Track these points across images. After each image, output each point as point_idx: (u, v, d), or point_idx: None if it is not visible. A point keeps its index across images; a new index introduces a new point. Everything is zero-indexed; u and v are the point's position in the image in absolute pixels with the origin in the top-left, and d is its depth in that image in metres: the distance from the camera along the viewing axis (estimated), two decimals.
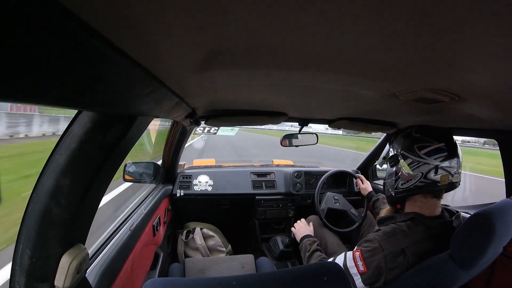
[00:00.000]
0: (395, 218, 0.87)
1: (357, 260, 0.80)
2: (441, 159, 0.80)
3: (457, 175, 0.82)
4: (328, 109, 1.12)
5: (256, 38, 0.35)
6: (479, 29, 0.29)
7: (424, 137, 0.84)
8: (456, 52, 0.37)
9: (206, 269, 1.43)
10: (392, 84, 0.59)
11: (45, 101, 0.28)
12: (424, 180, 0.82)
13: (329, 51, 0.40)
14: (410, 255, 0.76)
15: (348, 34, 0.33)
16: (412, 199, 0.88)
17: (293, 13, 0.28)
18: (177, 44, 0.36)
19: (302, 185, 1.88)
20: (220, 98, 0.89)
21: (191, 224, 1.83)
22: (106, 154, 0.50)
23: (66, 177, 0.47)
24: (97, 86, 0.33)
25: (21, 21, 0.19)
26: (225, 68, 0.51)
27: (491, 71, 0.44)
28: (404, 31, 0.31)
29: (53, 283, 0.51)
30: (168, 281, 0.45)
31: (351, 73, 0.52)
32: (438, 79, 0.52)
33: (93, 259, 0.78)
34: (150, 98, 0.49)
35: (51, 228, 0.48)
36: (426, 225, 0.80)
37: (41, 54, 0.22)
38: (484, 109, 0.72)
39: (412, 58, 0.41)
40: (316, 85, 0.64)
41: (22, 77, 0.23)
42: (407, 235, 0.79)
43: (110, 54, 0.30)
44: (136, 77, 0.39)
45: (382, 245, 0.78)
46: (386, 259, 0.76)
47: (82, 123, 0.47)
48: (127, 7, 0.25)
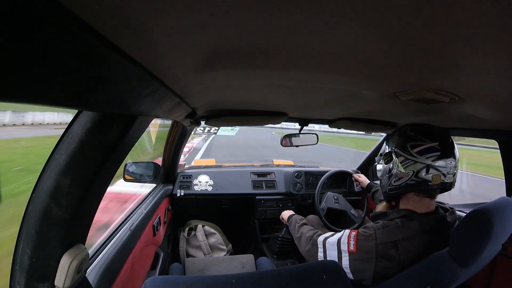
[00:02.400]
0: (388, 215, 0.88)
1: (351, 240, 0.82)
2: (433, 158, 0.80)
3: (450, 175, 0.81)
4: (328, 109, 1.12)
5: (256, 38, 0.35)
6: (479, 29, 0.29)
7: (417, 135, 0.84)
8: (456, 52, 0.37)
9: (206, 269, 1.44)
10: (392, 84, 0.59)
11: (45, 101, 0.28)
12: (415, 178, 0.82)
13: (329, 52, 0.40)
14: (402, 250, 0.76)
15: (348, 35, 0.33)
16: (406, 197, 0.88)
17: (293, 14, 0.28)
18: (177, 44, 0.36)
19: (302, 185, 1.88)
20: (220, 98, 0.89)
21: (193, 221, 1.84)
22: (106, 154, 0.50)
23: (66, 177, 0.47)
24: (97, 86, 0.33)
25: (21, 21, 0.19)
26: (225, 68, 0.51)
27: (491, 71, 0.44)
28: (404, 31, 0.31)
29: (53, 283, 0.51)
30: (168, 279, 0.45)
31: (351, 74, 0.52)
32: (438, 80, 0.52)
33: (93, 259, 0.78)
34: (150, 98, 0.49)
35: (51, 228, 0.48)
36: (419, 220, 0.81)
37: (41, 54, 0.22)
38: (484, 109, 0.72)
39: (412, 59, 0.41)
40: (316, 85, 0.64)
41: (22, 77, 0.23)
42: (400, 229, 0.80)
43: (110, 54, 0.30)
44: (136, 77, 0.39)
45: (376, 234, 0.80)
46: (377, 248, 0.77)
47: (82, 123, 0.47)
48: (127, 7, 0.25)
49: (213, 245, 1.79)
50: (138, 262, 1.02)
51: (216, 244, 1.79)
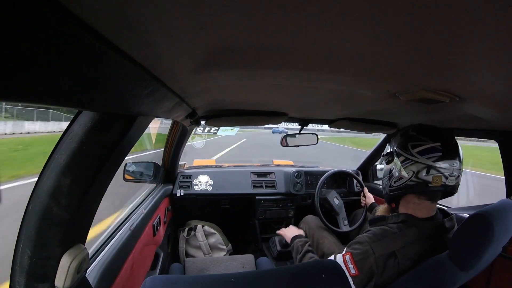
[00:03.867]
0: (387, 219, 0.86)
1: (348, 263, 0.78)
2: (434, 159, 0.78)
3: (452, 178, 0.78)
4: (328, 109, 1.12)
5: (256, 38, 0.35)
6: (479, 29, 0.29)
7: (419, 135, 0.82)
8: (457, 53, 0.37)
9: (206, 269, 1.44)
10: (392, 85, 0.59)
11: (45, 101, 0.28)
12: (415, 179, 0.80)
13: (329, 52, 0.40)
14: (400, 258, 0.75)
15: (348, 35, 0.33)
16: (406, 200, 0.86)
17: (293, 14, 0.28)
18: (177, 44, 0.36)
19: (302, 185, 1.89)
20: (220, 98, 0.89)
21: (192, 221, 1.84)
22: (106, 154, 0.50)
23: (66, 177, 0.47)
24: (97, 86, 0.33)
25: (21, 20, 0.19)
26: (225, 68, 0.51)
27: (491, 71, 0.44)
28: (404, 31, 0.31)
29: (53, 283, 0.51)
30: (167, 278, 0.45)
31: (351, 74, 0.52)
32: (438, 80, 0.52)
33: (93, 259, 0.78)
34: (150, 98, 0.49)
35: (51, 228, 0.48)
36: (418, 227, 0.79)
37: (41, 54, 0.22)
38: (484, 109, 0.72)
39: (412, 59, 0.41)
40: (316, 85, 0.64)
41: (22, 77, 0.23)
42: (398, 237, 0.78)
43: (110, 54, 0.30)
44: (136, 77, 0.39)
45: (373, 248, 0.77)
46: (377, 262, 0.75)
47: (82, 123, 0.47)
48: (127, 7, 0.25)
49: (213, 245, 1.79)
50: (138, 262, 1.02)
51: (216, 244, 1.79)
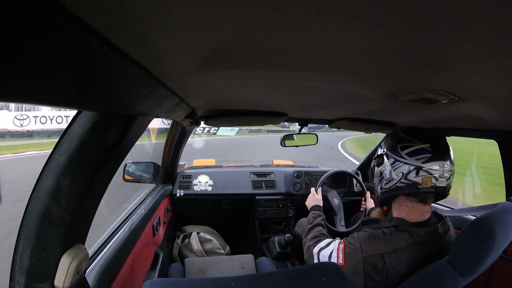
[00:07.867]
0: (379, 222, 0.85)
1: (339, 252, 0.82)
2: (423, 160, 0.77)
3: (442, 179, 0.77)
4: (328, 109, 1.12)
5: (256, 38, 0.35)
6: (479, 29, 0.29)
7: (408, 137, 0.82)
8: (456, 52, 0.37)
9: (206, 269, 1.43)
10: (391, 84, 0.59)
11: (45, 101, 0.28)
12: (404, 180, 0.79)
13: (329, 52, 0.40)
14: (389, 262, 0.74)
15: (348, 35, 0.33)
16: (398, 202, 0.85)
17: (293, 14, 0.28)
18: (177, 44, 0.36)
19: (302, 185, 1.88)
20: (220, 98, 0.89)
21: (187, 228, 1.81)
22: (106, 154, 0.50)
23: (66, 177, 0.47)
24: (96, 86, 0.33)
25: (20, 20, 0.19)
26: (225, 68, 0.51)
27: (491, 71, 0.44)
28: (404, 31, 0.31)
29: (53, 283, 0.51)
30: (167, 282, 0.45)
31: (350, 74, 0.52)
32: (438, 80, 0.52)
33: (92, 259, 0.78)
34: (150, 98, 0.49)
35: (51, 228, 0.48)
36: (410, 232, 0.78)
37: (40, 54, 0.22)
38: (483, 109, 0.72)
39: (412, 59, 0.41)
40: (315, 85, 0.64)
41: (22, 77, 0.23)
42: (388, 241, 0.78)
43: (110, 54, 0.30)
44: (136, 77, 0.39)
45: (362, 246, 0.78)
46: (364, 261, 0.76)
47: (82, 123, 0.47)
48: (127, 7, 0.25)
49: (210, 251, 1.77)
50: (137, 262, 1.02)
51: (213, 250, 1.77)
